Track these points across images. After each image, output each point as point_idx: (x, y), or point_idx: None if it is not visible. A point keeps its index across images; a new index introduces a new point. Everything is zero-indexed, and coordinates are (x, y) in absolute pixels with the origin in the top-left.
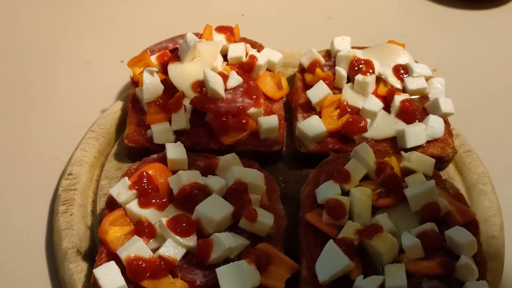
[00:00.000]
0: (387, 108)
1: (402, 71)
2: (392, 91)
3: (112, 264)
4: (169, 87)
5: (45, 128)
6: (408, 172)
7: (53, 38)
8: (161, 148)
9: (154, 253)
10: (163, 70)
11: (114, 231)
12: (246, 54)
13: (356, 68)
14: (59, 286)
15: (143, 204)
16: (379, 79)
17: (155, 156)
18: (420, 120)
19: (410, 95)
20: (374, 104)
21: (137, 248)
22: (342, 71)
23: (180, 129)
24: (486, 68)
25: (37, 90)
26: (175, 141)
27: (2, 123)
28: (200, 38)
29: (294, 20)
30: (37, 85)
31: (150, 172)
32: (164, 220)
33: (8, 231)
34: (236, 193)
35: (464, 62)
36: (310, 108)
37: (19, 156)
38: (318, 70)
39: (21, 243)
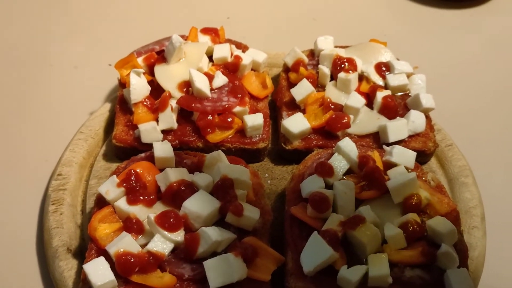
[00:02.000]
0: (369, 104)
1: (384, 69)
2: (374, 88)
3: (102, 259)
4: (156, 88)
5: (34, 131)
6: (390, 165)
7: (42, 43)
8: (149, 147)
9: (142, 248)
10: (150, 71)
11: (103, 228)
12: (231, 54)
13: (339, 67)
14: (50, 283)
15: (131, 201)
16: (362, 77)
17: (142, 155)
18: (402, 116)
19: (392, 91)
20: (356, 100)
21: (125, 244)
22: (325, 69)
23: (167, 129)
24: (466, 65)
25: (26, 94)
26: (162, 140)
27: None
28: (185, 40)
29: (279, 22)
30: (26, 89)
31: (138, 170)
32: (152, 216)
33: (0, 232)
34: (223, 189)
35: (444, 60)
36: (294, 106)
37: (9, 158)
38: (302, 69)
39: (12, 243)
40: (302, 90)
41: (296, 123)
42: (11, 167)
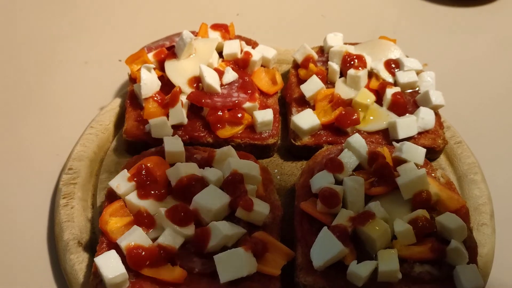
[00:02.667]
0: (379, 101)
1: (393, 66)
2: (384, 84)
3: (113, 252)
4: (166, 83)
5: (45, 126)
6: (400, 162)
7: (52, 38)
8: (159, 142)
9: (153, 242)
10: (160, 67)
11: (114, 222)
12: (241, 50)
13: (348, 64)
14: (61, 276)
15: (142, 195)
16: (371, 74)
17: (153, 149)
18: (411, 113)
19: (401, 88)
20: (366, 97)
21: (136, 237)
22: (335, 65)
23: (177, 124)
24: (475, 62)
25: (38, 89)
26: (173, 135)
27: (4, 122)
28: (196, 35)
29: (288, 19)
30: (37, 84)
31: (148, 164)
32: (163, 210)
33: (11, 224)
34: (233, 184)
35: (454, 57)
36: (304, 102)
37: (21, 152)
38: (311, 65)
39: (23, 236)
40: (312, 86)
41: (305, 119)
42: (23, 161)
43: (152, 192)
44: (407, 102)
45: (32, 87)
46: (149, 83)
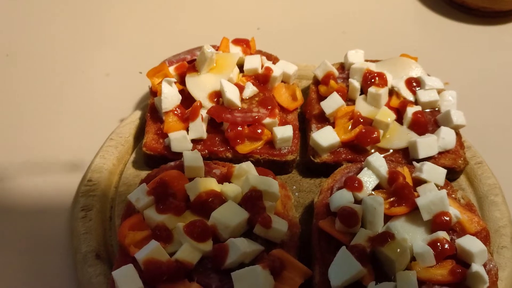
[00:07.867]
0: (399, 119)
1: (414, 84)
2: (405, 103)
3: (130, 267)
4: (187, 97)
5: (65, 137)
6: (420, 182)
7: (74, 50)
8: (178, 156)
9: (171, 257)
10: (181, 80)
11: (132, 236)
12: (262, 66)
13: (369, 81)
14: None
15: (160, 209)
16: (392, 92)
17: (172, 163)
18: (432, 132)
19: (422, 107)
20: (386, 115)
21: (154, 252)
22: (355, 83)
23: (197, 138)
24: (497, 82)
25: (59, 100)
26: (192, 150)
27: (23, 132)
28: (217, 50)
29: (308, 34)
30: (58, 95)
31: (167, 179)
32: (181, 225)
33: (29, 235)
34: (251, 200)
35: (475, 76)
36: (323, 119)
37: (40, 163)
38: (332, 82)
39: (41, 248)
40: (332, 103)
41: (325, 136)
42: (43, 172)
43: (170, 206)
44: (428, 121)
45: (53, 98)
46: (170, 97)
